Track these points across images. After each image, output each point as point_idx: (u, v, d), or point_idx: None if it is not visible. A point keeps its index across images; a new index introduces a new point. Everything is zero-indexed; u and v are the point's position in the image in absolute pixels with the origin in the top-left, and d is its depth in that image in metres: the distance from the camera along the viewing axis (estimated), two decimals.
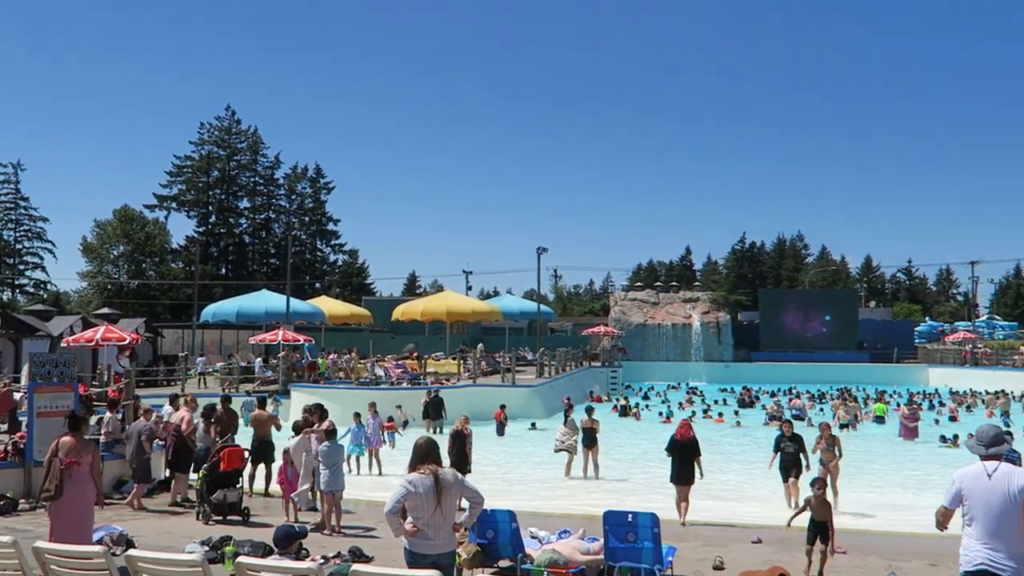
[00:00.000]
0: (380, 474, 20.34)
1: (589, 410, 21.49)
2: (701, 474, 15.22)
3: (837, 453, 16.30)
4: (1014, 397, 43.50)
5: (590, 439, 20.27)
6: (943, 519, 6.43)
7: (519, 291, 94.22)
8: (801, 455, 16.02)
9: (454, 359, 41.85)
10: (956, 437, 27.32)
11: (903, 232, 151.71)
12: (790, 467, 15.89)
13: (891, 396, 43.26)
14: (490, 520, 10.55)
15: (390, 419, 26.06)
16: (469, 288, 77.16)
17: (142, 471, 15.22)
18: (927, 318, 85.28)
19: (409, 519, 6.78)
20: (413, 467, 6.96)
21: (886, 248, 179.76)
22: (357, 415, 20.73)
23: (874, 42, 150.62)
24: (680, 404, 41.30)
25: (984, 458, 6.31)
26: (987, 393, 43.79)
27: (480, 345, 47.71)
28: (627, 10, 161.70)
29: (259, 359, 39.22)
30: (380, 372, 36.40)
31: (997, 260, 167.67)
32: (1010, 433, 9.59)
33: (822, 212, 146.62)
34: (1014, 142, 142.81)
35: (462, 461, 16.68)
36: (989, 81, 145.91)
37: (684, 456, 15.05)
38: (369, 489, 17.57)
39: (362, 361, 37.77)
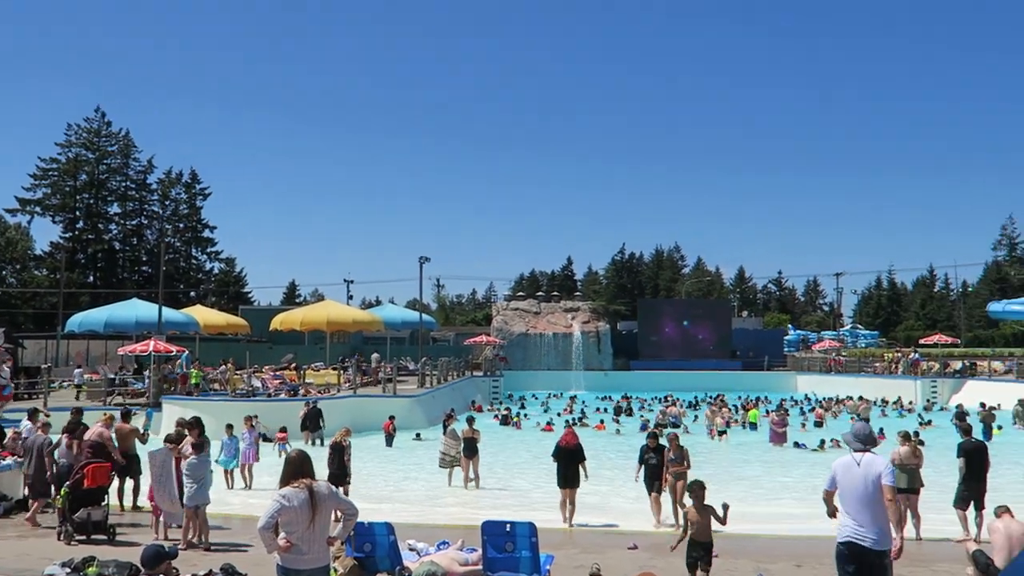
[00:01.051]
0: (249, 487, 19.75)
1: (470, 420, 21.49)
2: (586, 476, 15.80)
3: (686, 464, 15.56)
4: (876, 402, 45.65)
5: (470, 449, 20.29)
6: (827, 500, 7.77)
7: (401, 301, 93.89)
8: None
9: (334, 369, 41.20)
10: (823, 443, 28.53)
11: (774, 245, 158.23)
12: (654, 479, 15.91)
13: (763, 402, 44.90)
14: (367, 533, 10.40)
15: (283, 429, 25.50)
16: (350, 297, 76.37)
17: (41, 486, 14.43)
18: (795, 327, 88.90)
19: (282, 534, 6.62)
20: (286, 481, 6.81)
21: (758, 260, 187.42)
22: (229, 427, 20.16)
23: (741, 54, 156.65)
24: (558, 413, 41.76)
25: (855, 451, 7.64)
26: (849, 399, 45.86)
27: (375, 355, 47.23)
28: (480, 12, 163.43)
29: (120, 371, 37.80)
30: (257, 383, 35.51)
31: (860, 272, 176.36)
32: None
33: (698, 225, 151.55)
34: (877, 166, 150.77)
35: (341, 473, 16.48)
36: (852, 106, 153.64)
37: (569, 461, 15.55)
38: (241, 504, 17.08)
39: (238, 372, 36.75)
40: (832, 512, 7.73)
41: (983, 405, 36.12)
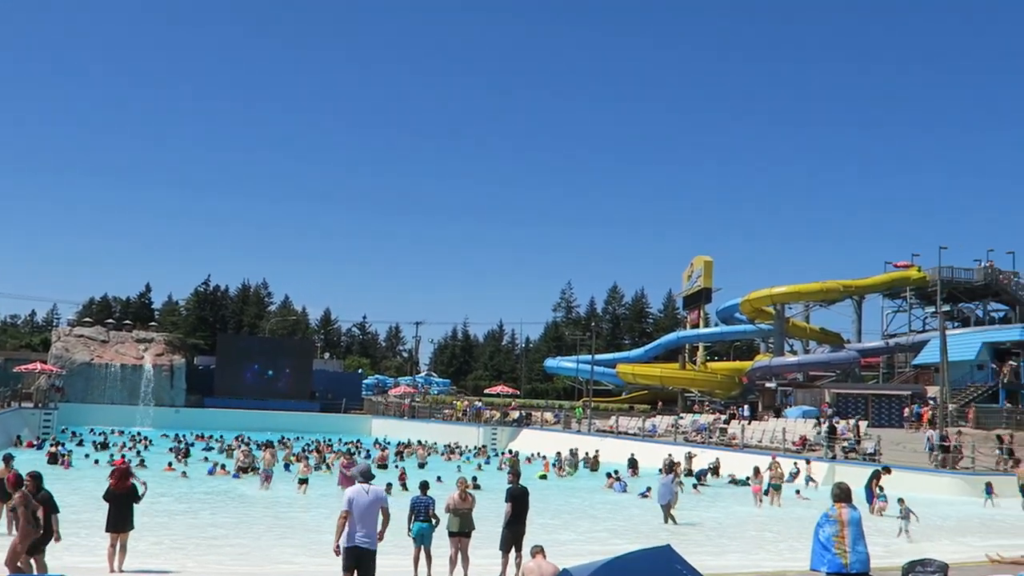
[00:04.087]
0: None
1: (6, 458, 19.00)
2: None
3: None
4: (439, 448, 48.03)
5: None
6: (342, 520, 10.29)
7: None
8: None
9: None
10: (389, 486, 29.21)
11: (361, 290, 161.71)
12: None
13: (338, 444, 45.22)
14: None
15: None
16: None
17: None
18: (375, 372, 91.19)
19: None
20: None
21: (345, 303, 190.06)
22: None
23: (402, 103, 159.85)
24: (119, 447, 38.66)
25: (359, 483, 10.60)
26: (420, 444, 47.83)
27: None
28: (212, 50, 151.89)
29: None
30: None
31: (439, 322, 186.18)
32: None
33: (288, 264, 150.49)
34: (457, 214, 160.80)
35: None
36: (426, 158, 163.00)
37: (122, 503, 13.99)
38: None
39: None
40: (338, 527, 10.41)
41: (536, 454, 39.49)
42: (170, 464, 34.68)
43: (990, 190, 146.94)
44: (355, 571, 10.23)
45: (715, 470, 37.90)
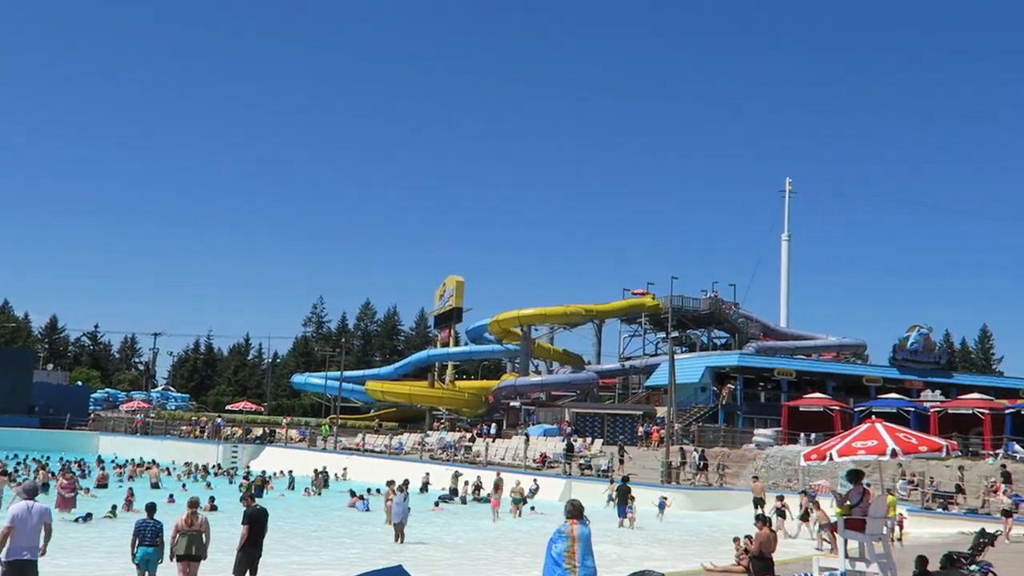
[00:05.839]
0: None
1: None
2: None
3: None
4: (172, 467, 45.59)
5: None
6: (4, 535, 10.35)
7: None
8: None
9: None
10: (114, 508, 27.16)
11: (93, 297, 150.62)
12: None
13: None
14: None
15: None
16: None
17: None
18: (106, 385, 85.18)
19: None
20: None
21: (76, 311, 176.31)
22: None
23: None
24: None
25: (23, 499, 10.83)
26: (153, 463, 44.97)
27: None
28: None
29: None
30: None
31: (180, 334, 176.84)
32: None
33: (10, 266, 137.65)
34: (208, 230, 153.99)
35: None
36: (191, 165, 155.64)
37: None
38: None
39: None
40: None
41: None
42: None
43: (716, 225, 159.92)
44: None
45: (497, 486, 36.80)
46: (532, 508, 31.94)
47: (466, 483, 37.32)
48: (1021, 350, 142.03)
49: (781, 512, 25.88)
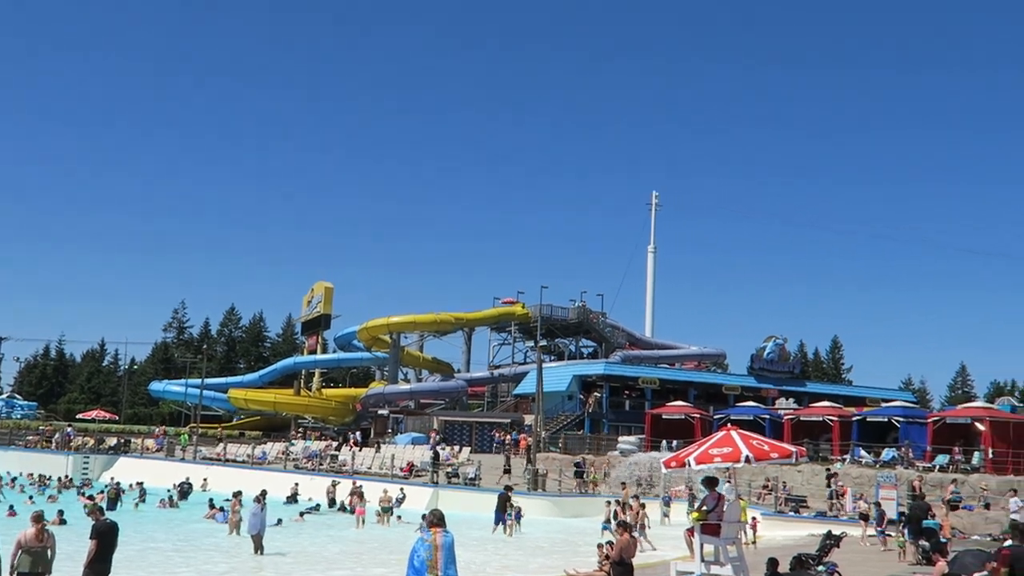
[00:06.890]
0: None
1: None
2: None
3: None
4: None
5: None
6: None
7: None
8: None
9: None
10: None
11: None
12: None
13: None
14: None
15: None
16: None
17: None
18: None
19: None
20: None
21: None
22: None
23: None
24: None
25: None
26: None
27: None
28: None
29: None
30: None
31: (29, 339, 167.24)
32: None
33: None
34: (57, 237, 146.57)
35: None
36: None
37: None
38: None
39: None
40: None
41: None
42: None
43: (586, 236, 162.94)
44: None
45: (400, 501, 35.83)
46: (399, 517, 31.71)
47: (343, 493, 37.04)
48: (868, 359, 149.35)
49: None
